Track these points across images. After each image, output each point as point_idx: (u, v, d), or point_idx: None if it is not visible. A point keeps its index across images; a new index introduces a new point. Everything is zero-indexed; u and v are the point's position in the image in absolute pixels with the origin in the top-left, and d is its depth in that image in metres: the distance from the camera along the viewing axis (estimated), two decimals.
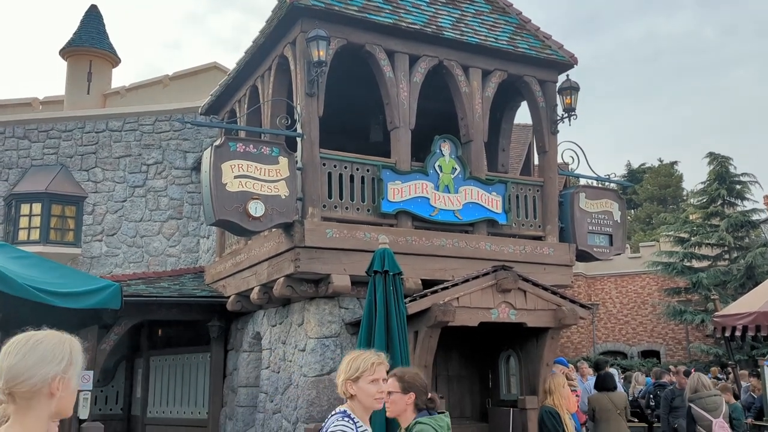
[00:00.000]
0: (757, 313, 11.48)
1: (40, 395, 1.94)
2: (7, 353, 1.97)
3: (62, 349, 2.01)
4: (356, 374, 3.34)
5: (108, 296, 5.84)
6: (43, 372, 1.94)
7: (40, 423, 1.95)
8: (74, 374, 2.00)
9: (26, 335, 2.02)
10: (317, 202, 8.20)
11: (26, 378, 1.93)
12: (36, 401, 1.94)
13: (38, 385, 1.93)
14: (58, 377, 1.96)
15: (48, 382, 1.94)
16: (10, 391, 1.94)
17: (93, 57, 16.97)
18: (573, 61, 9.99)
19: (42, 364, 1.95)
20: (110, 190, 14.09)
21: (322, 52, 8.07)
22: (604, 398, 8.99)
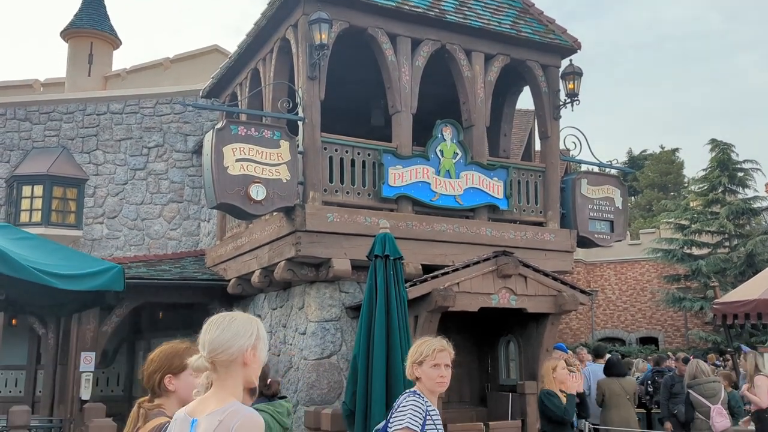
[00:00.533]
0: (758, 300, 11.52)
1: (236, 364, 2.33)
2: (208, 329, 2.36)
3: (251, 326, 2.39)
4: (420, 359, 3.70)
5: (111, 278, 5.86)
6: (238, 344, 2.32)
7: (238, 387, 2.36)
8: (261, 347, 2.40)
9: (221, 315, 2.42)
10: (318, 186, 8.20)
11: (225, 349, 2.31)
12: (233, 369, 2.34)
13: (235, 354, 2.32)
14: (249, 349, 2.35)
15: (243, 353, 2.33)
16: (212, 360, 2.33)
17: (94, 39, 16.89)
18: (576, 46, 9.94)
19: (237, 337, 2.33)
20: (111, 173, 14.08)
21: (324, 35, 8.04)
22: (615, 383, 8.98)
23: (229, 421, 2.26)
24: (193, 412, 2.39)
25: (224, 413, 2.28)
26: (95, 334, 10.21)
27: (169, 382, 2.76)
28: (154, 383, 2.80)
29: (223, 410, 2.29)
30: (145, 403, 2.80)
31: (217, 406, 2.31)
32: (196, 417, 2.35)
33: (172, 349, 2.88)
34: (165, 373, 2.80)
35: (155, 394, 2.82)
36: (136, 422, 2.76)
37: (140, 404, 2.80)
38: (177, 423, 2.43)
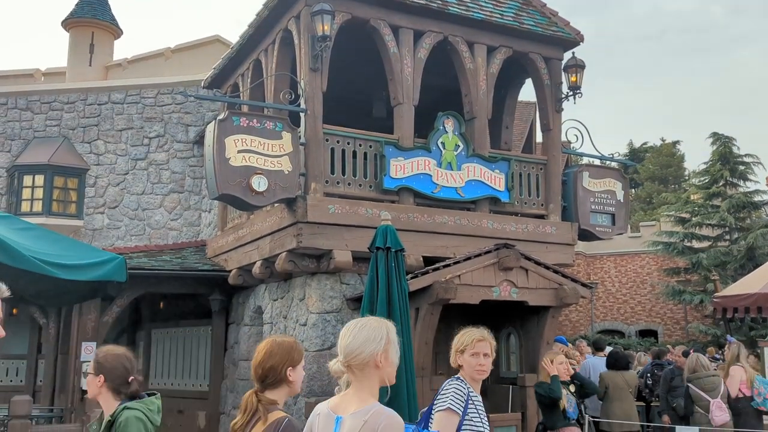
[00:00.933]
0: (758, 294, 11.54)
1: (369, 367, 2.61)
2: (344, 336, 2.67)
3: (381, 332, 2.65)
4: (461, 347, 3.98)
5: (113, 269, 5.86)
6: (369, 349, 2.61)
7: (375, 388, 2.64)
8: (392, 351, 2.66)
9: (355, 321, 2.70)
10: (320, 177, 8.20)
11: (357, 354, 2.61)
12: (367, 371, 2.62)
13: (367, 359, 2.60)
14: (380, 353, 2.62)
15: (374, 357, 2.60)
16: (348, 364, 2.64)
17: (95, 28, 16.82)
18: (579, 39, 9.91)
19: (367, 343, 2.61)
20: (112, 163, 14.07)
21: (326, 26, 8.01)
22: (618, 376, 8.98)
23: (373, 421, 2.52)
24: (336, 409, 2.68)
25: (368, 413, 2.55)
26: (96, 325, 10.22)
27: (290, 373, 2.93)
28: (275, 375, 2.93)
29: (366, 411, 2.56)
30: (261, 395, 2.91)
31: (359, 407, 2.59)
32: (339, 414, 2.64)
33: (289, 343, 3.03)
34: (287, 365, 2.94)
35: (269, 386, 2.94)
36: (253, 411, 2.89)
37: (257, 394, 2.92)
38: (321, 417, 2.72)
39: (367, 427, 2.51)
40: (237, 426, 2.91)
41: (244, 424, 2.88)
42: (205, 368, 11.14)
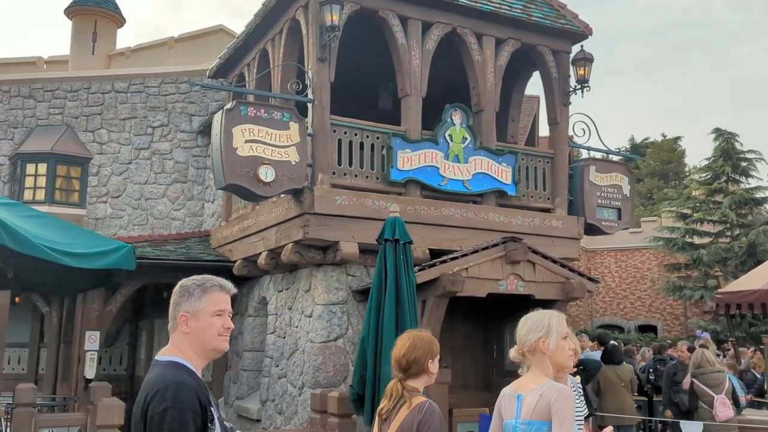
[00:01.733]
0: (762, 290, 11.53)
1: (537, 352, 3.18)
2: (519, 326, 3.25)
3: (544, 321, 3.20)
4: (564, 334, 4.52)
5: (122, 257, 5.83)
6: (534, 337, 3.17)
7: (547, 369, 3.20)
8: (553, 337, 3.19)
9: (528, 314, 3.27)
10: (327, 168, 8.16)
11: (526, 341, 3.19)
12: (537, 356, 3.19)
13: (533, 345, 3.17)
14: (542, 340, 3.17)
15: (538, 343, 3.17)
16: (521, 350, 3.22)
17: (98, 16, 16.74)
18: (588, 32, 9.86)
19: (531, 332, 3.19)
20: (115, 152, 14.01)
21: (335, 16, 7.96)
22: (610, 371, 9.04)
23: (547, 394, 3.07)
24: (517, 389, 3.21)
25: (542, 389, 3.10)
26: (100, 314, 10.21)
27: (430, 365, 3.33)
28: (418, 366, 3.32)
29: (541, 387, 3.11)
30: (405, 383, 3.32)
31: (535, 384, 3.15)
32: (519, 392, 3.18)
33: (429, 336, 3.44)
34: (429, 357, 3.34)
35: (411, 376, 3.33)
36: (399, 397, 3.29)
37: (401, 383, 3.33)
38: (505, 398, 3.26)
39: (542, 400, 3.06)
40: (384, 410, 3.32)
41: (390, 409, 3.29)
42: None
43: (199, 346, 2.49)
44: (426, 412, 3.17)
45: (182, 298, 2.53)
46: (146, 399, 2.32)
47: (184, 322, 2.49)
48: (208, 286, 2.53)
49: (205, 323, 2.48)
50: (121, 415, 6.32)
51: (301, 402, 8.29)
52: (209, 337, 2.49)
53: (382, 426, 3.32)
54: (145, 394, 2.34)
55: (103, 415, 6.22)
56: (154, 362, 2.50)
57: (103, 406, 6.32)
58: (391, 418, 3.26)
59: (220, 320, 2.51)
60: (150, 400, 2.30)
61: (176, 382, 2.33)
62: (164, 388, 2.30)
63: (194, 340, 2.48)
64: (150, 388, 2.34)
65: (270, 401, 9.18)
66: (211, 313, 2.49)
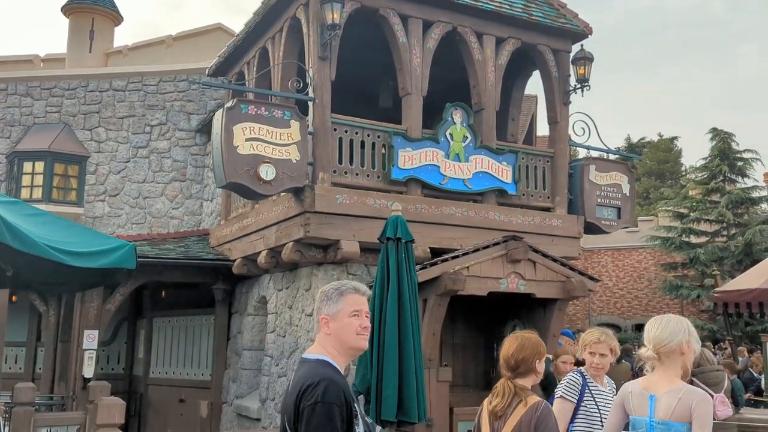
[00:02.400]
0: (759, 290, 11.55)
1: (675, 354, 3.28)
2: (651, 328, 3.34)
3: (683, 325, 3.32)
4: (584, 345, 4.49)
5: (123, 256, 5.80)
6: (677, 339, 3.27)
7: (678, 372, 3.29)
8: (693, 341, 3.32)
9: (659, 317, 3.36)
10: (328, 167, 8.15)
11: (666, 343, 3.28)
12: (673, 358, 3.29)
13: (674, 347, 3.26)
14: (685, 342, 3.28)
15: (680, 345, 3.27)
16: (657, 351, 3.30)
17: (95, 14, 16.66)
18: (588, 31, 9.87)
19: (674, 334, 3.28)
20: (113, 150, 13.97)
21: (336, 14, 7.95)
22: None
23: (687, 398, 3.16)
24: (647, 388, 3.32)
25: (680, 392, 3.19)
26: (99, 312, 10.18)
27: (537, 365, 3.47)
28: (526, 366, 3.44)
29: (679, 390, 3.21)
30: (515, 382, 3.44)
31: (670, 387, 3.23)
32: (652, 392, 3.28)
33: (535, 338, 3.56)
34: (536, 358, 3.47)
35: (520, 375, 3.45)
36: (510, 395, 3.40)
37: (511, 381, 3.44)
38: (633, 395, 3.37)
39: (681, 404, 3.16)
40: (498, 408, 3.41)
41: (505, 407, 3.39)
42: (208, 358, 11.10)
43: (340, 345, 2.70)
44: (543, 410, 3.32)
45: (322, 302, 2.76)
46: (299, 393, 2.53)
47: (325, 324, 2.72)
48: (344, 289, 2.76)
49: (343, 323, 2.69)
50: (121, 413, 6.30)
51: None
52: (348, 336, 2.69)
53: (494, 423, 3.44)
54: (299, 388, 2.55)
55: (103, 413, 6.19)
56: (302, 359, 2.74)
57: (103, 404, 6.30)
58: (507, 415, 3.38)
59: (357, 320, 2.71)
60: (302, 394, 2.52)
61: (326, 379, 2.54)
62: (315, 384, 2.51)
63: (335, 339, 2.70)
64: (302, 382, 2.55)
65: (270, 400, 9.16)
66: (348, 314, 2.70)
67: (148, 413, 11.84)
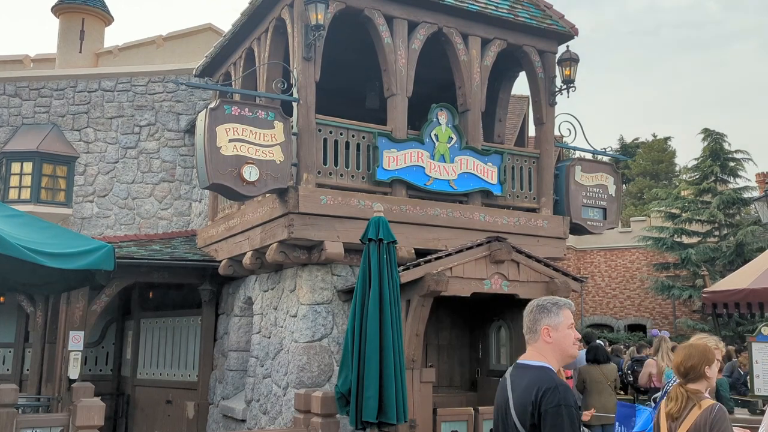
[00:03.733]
0: (747, 290, 11.58)
1: None
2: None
3: None
4: None
5: (101, 257, 5.79)
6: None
7: None
8: None
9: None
10: (312, 168, 8.14)
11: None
12: None
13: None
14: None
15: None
16: None
17: (86, 15, 16.62)
18: (573, 32, 9.88)
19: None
20: (102, 151, 13.95)
21: (320, 15, 7.94)
22: (595, 370, 9.08)
23: None
24: None
25: None
26: (84, 313, 10.15)
27: (707, 370, 3.75)
28: (695, 372, 3.77)
29: None
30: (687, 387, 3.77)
31: None
32: None
33: (703, 345, 3.86)
34: (704, 364, 3.76)
35: (690, 381, 3.78)
36: (684, 399, 3.72)
37: (683, 387, 3.78)
38: None
39: None
40: (673, 411, 3.73)
41: (680, 409, 3.72)
42: (194, 358, 11.09)
43: (559, 353, 3.08)
44: (718, 412, 3.60)
45: (542, 314, 3.11)
46: (537, 395, 2.86)
47: (547, 333, 3.08)
48: (561, 304, 3.13)
49: (563, 334, 3.07)
50: (101, 415, 6.28)
51: (286, 402, 8.27)
52: (567, 345, 3.08)
53: (671, 424, 3.76)
54: (535, 391, 2.88)
55: (83, 415, 6.17)
56: (521, 365, 3.08)
57: (83, 406, 6.28)
58: (682, 417, 3.71)
59: (572, 332, 3.10)
60: (542, 397, 2.84)
61: (562, 384, 2.90)
62: (554, 388, 2.86)
63: (556, 348, 3.07)
64: (538, 386, 2.88)
65: (255, 401, 9.15)
66: (567, 326, 3.08)
67: (135, 414, 11.82)
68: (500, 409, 3.04)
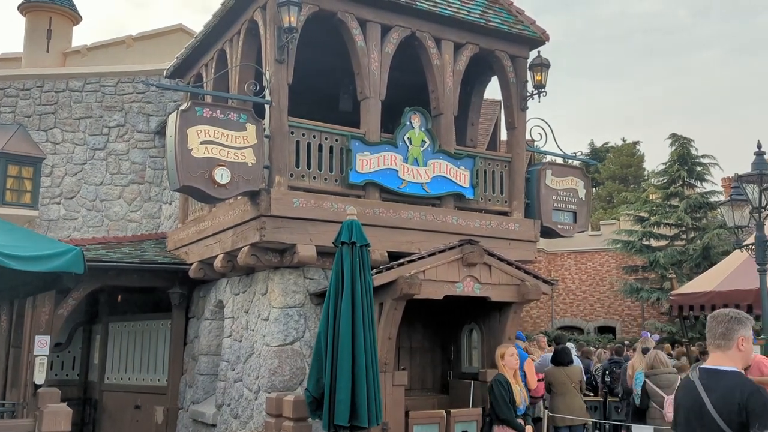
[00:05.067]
0: (713, 292, 11.79)
1: None
2: None
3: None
4: None
5: (70, 260, 5.68)
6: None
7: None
8: None
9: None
10: (284, 170, 8.10)
11: None
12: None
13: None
14: None
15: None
16: None
17: (53, 13, 16.37)
18: (544, 38, 9.97)
19: None
20: (70, 152, 13.72)
21: (293, 18, 7.91)
22: (559, 372, 9.21)
23: None
24: None
25: None
26: (50, 318, 9.95)
27: None
28: None
29: None
30: None
31: None
32: None
33: None
34: None
35: None
36: None
37: None
38: None
39: None
40: None
41: None
42: (164, 363, 10.95)
43: (744, 362, 3.39)
44: None
45: (738, 325, 3.38)
46: (743, 396, 3.17)
47: (741, 343, 3.36)
48: (750, 319, 3.42)
49: (750, 346, 3.38)
50: (68, 421, 6.17)
51: (257, 406, 8.20)
52: (750, 355, 3.41)
53: None
54: (738, 393, 3.19)
55: (49, 421, 6.06)
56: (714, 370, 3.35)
57: (49, 412, 6.17)
58: None
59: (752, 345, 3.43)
60: (749, 397, 3.17)
61: (762, 388, 3.23)
62: (757, 390, 3.20)
63: (744, 357, 3.38)
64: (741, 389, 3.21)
65: (226, 405, 9.07)
66: (750, 340, 3.38)
67: (102, 420, 11.63)
68: (692, 410, 3.31)
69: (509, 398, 7.05)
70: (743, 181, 9.48)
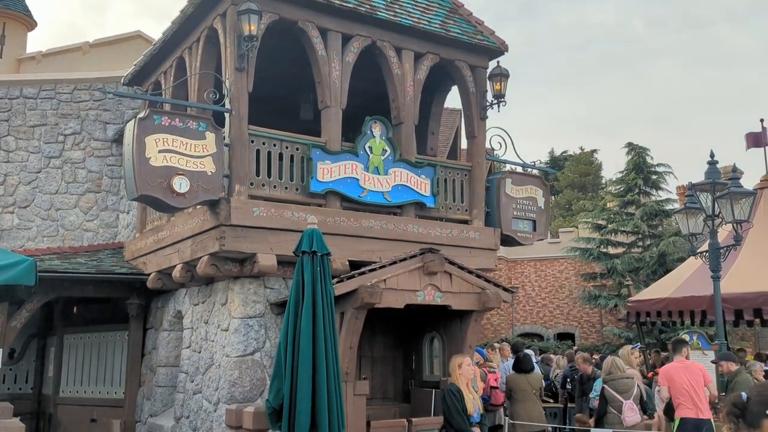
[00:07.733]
0: (668, 299, 12.06)
1: None
2: None
3: None
4: None
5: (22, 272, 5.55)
6: None
7: None
8: None
9: None
10: (244, 179, 8.04)
11: None
12: None
13: None
14: None
15: None
16: None
17: (7, 19, 16.00)
18: (504, 48, 10.10)
19: None
20: (24, 160, 13.40)
21: (253, 26, 7.87)
22: (521, 379, 9.31)
23: None
24: None
25: None
26: (3, 330, 9.68)
27: None
28: None
29: None
30: None
31: None
32: None
33: None
34: None
35: None
36: None
37: None
38: None
39: None
40: None
41: None
42: (121, 375, 10.74)
43: None
44: None
45: None
46: None
47: None
48: None
49: None
50: None
51: (217, 418, 8.09)
52: None
53: None
54: None
55: None
56: None
57: (1, 427, 6.00)
58: None
59: None
60: None
61: None
62: None
63: None
64: None
65: (185, 418, 8.93)
66: None
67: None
68: None
69: (461, 407, 7.11)
70: (697, 190, 9.72)
